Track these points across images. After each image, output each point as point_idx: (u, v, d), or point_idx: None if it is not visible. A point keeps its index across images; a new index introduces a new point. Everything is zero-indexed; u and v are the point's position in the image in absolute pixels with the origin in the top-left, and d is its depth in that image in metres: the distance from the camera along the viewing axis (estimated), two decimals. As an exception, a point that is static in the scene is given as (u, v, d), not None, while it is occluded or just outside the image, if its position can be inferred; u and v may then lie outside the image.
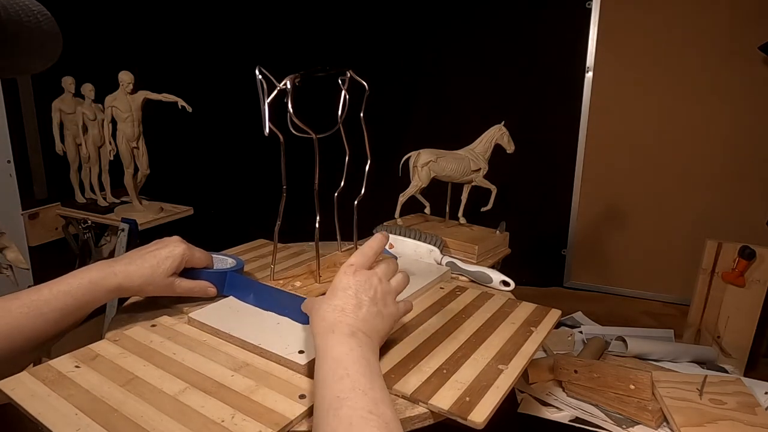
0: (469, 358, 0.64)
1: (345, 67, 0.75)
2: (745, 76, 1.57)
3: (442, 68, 1.89)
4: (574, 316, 1.79)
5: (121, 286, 0.67)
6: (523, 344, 0.69)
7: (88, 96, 1.48)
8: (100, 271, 0.66)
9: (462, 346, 0.67)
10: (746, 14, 1.54)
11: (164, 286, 0.70)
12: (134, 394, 0.54)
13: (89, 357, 0.61)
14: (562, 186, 1.84)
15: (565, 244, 1.88)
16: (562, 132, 1.80)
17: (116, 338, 0.65)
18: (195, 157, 2.11)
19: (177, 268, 0.71)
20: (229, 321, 0.68)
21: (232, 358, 0.62)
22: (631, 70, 1.69)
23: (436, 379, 0.59)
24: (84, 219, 1.57)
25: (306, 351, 0.61)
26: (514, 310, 0.79)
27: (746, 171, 1.63)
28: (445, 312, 0.77)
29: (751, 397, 1.14)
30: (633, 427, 1.11)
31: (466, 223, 1.17)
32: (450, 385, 0.58)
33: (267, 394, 0.55)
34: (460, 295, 0.82)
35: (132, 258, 0.69)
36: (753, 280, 1.50)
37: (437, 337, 0.69)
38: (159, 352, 0.62)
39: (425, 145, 1.16)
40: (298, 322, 0.68)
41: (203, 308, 0.71)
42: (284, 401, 0.54)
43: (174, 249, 0.71)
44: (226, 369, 0.60)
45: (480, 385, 0.59)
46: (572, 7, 1.71)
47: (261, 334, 0.65)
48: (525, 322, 0.75)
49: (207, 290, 0.75)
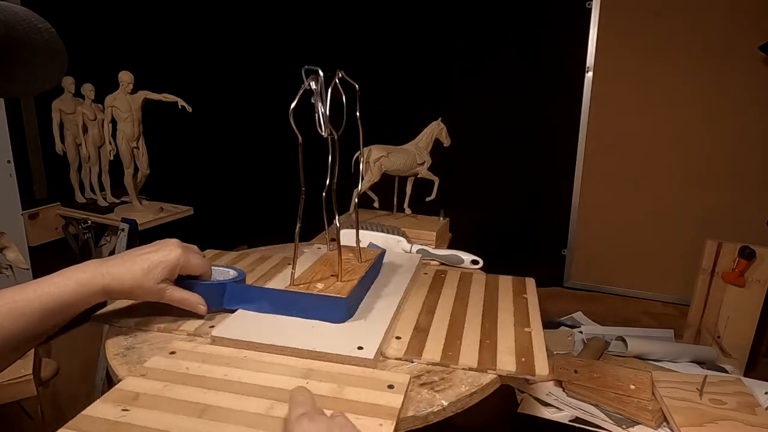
0: (498, 328, 0.73)
1: (343, 66, 0.75)
2: (745, 76, 1.57)
3: (442, 68, 1.89)
4: (574, 316, 1.79)
5: (109, 288, 0.63)
6: (527, 308, 0.80)
7: (88, 96, 1.48)
8: (89, 271, 0.63)
9: (484, 320, 0.76)
10: (746, 14, 1.54)
11: (154, 292, 0.66)
12: (219, 421, 0.51)
13: (130, 397, 0.54)
14: (562, 186, 1.84)
15: (565, 244, 1.88)
16: (562, 132, 1.80)
17: (142, 372, 0.59)
18: (195, 157, 2.11)
19: (170, 274, 0.66)
20: (261, 332, 0.65)
21: (291, 367, 0.60)
22: (631, 70, 1.69)
23: (486, 350, 0.67)
24: (84, 219, 1.57)
25: (365, 346, 0.63)
26: (498, 283, 0.89)
27: (746, 171, 1.63)
28: (446, 294, 0.84)
29: (751, 397, 1.14)
30: (633, 427, 1.11)
31: (411, 213, 1.25)
32: (502, 351, 0.67)
33: (358, 392, 0.56)
34: (446, 278, 0.90)
35: (124, 259, 0.65)
36: (753, 280, 1.50)
37: (458, 316, 0.76)
38: (207, 377, 0.58)
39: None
40: (331, 322, 0.69)
41: (221, 325, 0.68)
42: (380, 394, 0.55)
43: (169, 254, 0.66)
44: (295, 378, 0.58)
45: (523, 346, 0.68)
46: (572, 7, 1.71)
47: (308, 339, 0.64)
48: (514, 292, 0.86)
49: (197, 307, 0.69)
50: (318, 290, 0.71)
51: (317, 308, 0.69)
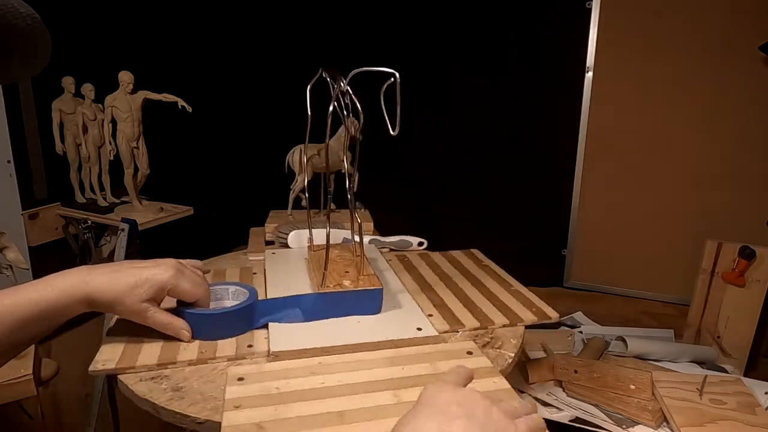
0: (494, 291, 0.85)
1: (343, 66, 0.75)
2: (745, 76, 1.57)
3: (442, 68, 1.89)
4: (574, 316, 1.79)
5: (90, 298, 0.59)
6: (496, 273, 0.94)
7: (88, 96, 1.48)
8: (76, 278, 0.59)
9: (477, 287, 0.86)
10: (746, 14, 1.54)
11: (135, 311, 0.61)
12: (365, 420, 0.51)
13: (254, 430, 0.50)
14: (562, 186, 1.84)
15: (565, 244, 1.88)
16: (562, 132, 1.80)
17: (235, 405, 0.54)
18: (195, 157, 2.11)
19: (156, 294, 0.62)
20: (318, 337, 0.65)
21: (372, 360, 0.62)
22: (631, 70, 1.69)
23: (503, 309, 0.79)
24: (84, 219, 1.57)
25: (422, 327, 0.69)
26: (456, 258, 1.00)
27: (746, 171, 1.62)
28: (426, 274, 0.91)
29: (751, 397, 1.14)
30: (633, 427, 1.11)
31: (335, 208, 1.25)
32: (515, 307, 0.80)
33: (449, 364, 0.61)
34: (411, 261, 0.98)
35: (113, 270, 0.61)
36: (753, 280, 1.50)
37: (455, 289, 0.86)
38: (308, 389, 0.56)
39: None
40: (370, 314, 0.71)
41: (273, 341, 0.65)
42: (467, 361, 0.63)
43: (159, 273, 0.62)
44: (389, 367, 0.61)
45: (525, 301, 0.82)
46: (572, 7, 1.70)
47: (368, 332, 0.67)
48: (475, 262, 0.99)
49: (180, 332, 0.64)
50: (352, 286, 0.72)
51: (356, 304, 0.70)
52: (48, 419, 1.48)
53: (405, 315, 0.73)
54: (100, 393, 1.45)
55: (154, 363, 0.61)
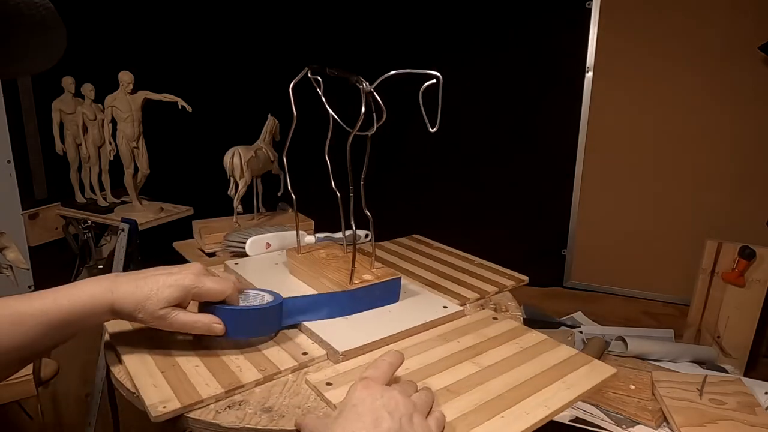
0: (466, 267, 0.94)
1: (343, 66, 0.75)
2: (745, 76, 1.57)
3: (441, 68, 1.89)
4: (574, 316, 1.79)
5: (115, 307, 0.57)
6: (447, 250, 1.03)
7: (88, 96, 1.48)
8: (103, 285, 0.57)
9: (450, 266, 0.94)
10: (746, 14, 1.54)
11: (157, 317, 0.58)
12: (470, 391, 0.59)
13: None
14: (562, 186, 1.84)
15: (565, 244, 1.88)
16: (562, 132, 1.80)
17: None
18: (195, 157, 2.11)
19: (178, 300, 0.59)
20: (367, 330, 0.68)
21: (426, 342, 0.68)
22: (631, 70, 1.69)
23: (484, 279, 0.88)
24: (84, 219, 1.57)
25: (447, 305, 0.76)
26: (406, 243, 1.07)
27: (746, 171, 1.62)
28: (393, 262, 0.95)
29: (751, 397, 1.14)
30: (633, 427, 1.11)
31: (266, 212, 1.26)
32: (491, 278, 0.89)
33: (488, 330, 0.72)
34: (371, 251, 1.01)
35: (138, 277, 0.59)
36: (753, 280, 1.50)
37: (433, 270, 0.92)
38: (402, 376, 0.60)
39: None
40: (393, 303, 0.76)
41: (336, 342, 0.64)
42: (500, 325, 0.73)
43: (182, 278, 0.59)
44: (448, 344, 0.68)
45: (494, 269, 0.94)
46: (572, 7, 1.71)
47: (407, 318, 0.72)
48: (424, 245, 1.05)
49: (211, 327, 0.60)
50: (376, 279, 0.75)
51: (381, 295, 0.74)
52: (48, 419, 1.48)
53: (423, 299, 0.78)
54: (100, 393, 1.45)
55: (222, 392, 0.56)
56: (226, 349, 0.64)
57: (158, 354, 0.62)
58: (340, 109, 0.80)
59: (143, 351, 0.63)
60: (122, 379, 0.60)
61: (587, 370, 0.63)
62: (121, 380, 0.60)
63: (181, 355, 0.62)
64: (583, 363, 0.64)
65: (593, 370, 0.63)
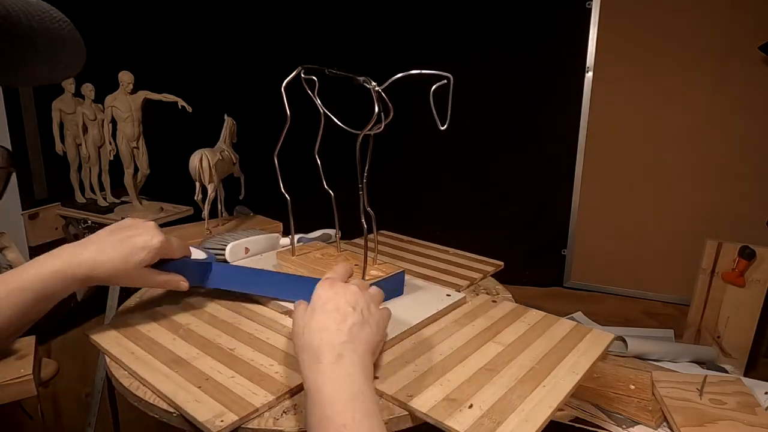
0: (445, 258, 1.00)
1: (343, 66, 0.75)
2: (745, 76, 1.57)
3: (441, 68, 1.89)
4: (574, 316, 1.79)
5: (87, 277, 0.62)
6: (424, 243, 1.08)
7: (88, 96, 1.48)
8: (65, 260, 0.61)
9: (430, 258, 1.00)
10: (746, 14, 1.54)
11: (136, 277, 0.65)
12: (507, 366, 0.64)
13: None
14: (562, 186, 1.83)
15: (565, 244, 1.88)
16: (562, 132, 1.80)
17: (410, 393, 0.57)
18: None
19: (152, 260, 0.66)
20: (391, 324, 0.70)
21: (444, 329, 0.72)
22: (631, 70, 1.69)
23: (465, 267, 0.95)
24: (84, 219, 1.57)
25: (450, 294, 0.80)
26: (382, 240, 1.10)
27: (746, 171, 1.62)
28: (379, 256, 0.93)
29: (751, 397, 1.14)
30: (633, 427, 1.11)
31: (227, 216, 1.24)
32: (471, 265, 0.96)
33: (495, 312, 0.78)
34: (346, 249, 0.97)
35: (102, 246, 0.63)
36: (753, 280, 1.50)
37: (417, 261, 0.96)
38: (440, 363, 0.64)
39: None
40: (398, 296, 0.78)
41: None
42: (503, 308, 0.80)
43: (151, 240, 0.65)
44: (465, 328, 0.72)
45: (470, 257, 1.01)
46: (572, 7, 1.70)
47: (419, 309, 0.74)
48: (398, 240, 1.10)
49: (179, 284, 0.71)
50: (383, 275, 0.77)
51: (389, 289, 0.75)
52: (48, 419, 1.48)
53: (425, 290, 0.82)
54: (100, 393, 1.45)
55: (273, 398, 0.56)
56: (251, 358, 0.64)
57: (180, 368, 0.62)
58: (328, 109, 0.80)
59: (160, 367, 0.62)
60: (153, 400, 0.58)
61: (591, 339, 0.71)
62: (152, 402, 0.58)
63: (209, 368, 0.62)
64: (586, 332, 0.73)
65: (596, 338, 0.71)
